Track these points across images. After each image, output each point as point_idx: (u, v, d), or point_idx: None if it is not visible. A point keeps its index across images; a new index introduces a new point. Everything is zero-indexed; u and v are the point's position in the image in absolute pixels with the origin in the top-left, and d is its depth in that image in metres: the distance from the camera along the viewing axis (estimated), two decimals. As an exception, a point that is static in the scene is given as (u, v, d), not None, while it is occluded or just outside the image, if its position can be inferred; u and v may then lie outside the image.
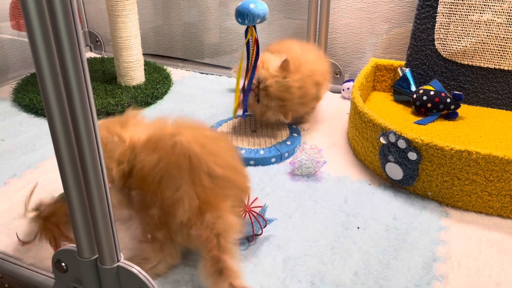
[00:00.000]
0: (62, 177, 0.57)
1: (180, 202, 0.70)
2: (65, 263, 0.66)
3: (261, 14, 0.99)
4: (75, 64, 0.51)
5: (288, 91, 1.07)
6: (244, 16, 0.98)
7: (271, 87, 1.06)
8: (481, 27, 1.18)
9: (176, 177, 0.71)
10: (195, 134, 0.76)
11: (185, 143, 0.73)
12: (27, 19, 0.48)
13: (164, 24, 1.71)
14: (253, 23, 1.00)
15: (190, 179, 0.71)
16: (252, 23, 1.00)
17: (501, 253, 0.81)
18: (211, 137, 0.79)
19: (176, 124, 0.80)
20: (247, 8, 0.98)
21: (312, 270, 0.77)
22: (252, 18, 0.98)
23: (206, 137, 0.78)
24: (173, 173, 0.72)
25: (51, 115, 0.53)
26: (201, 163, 0.72)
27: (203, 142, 0.75)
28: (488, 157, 0.85)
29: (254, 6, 0.98)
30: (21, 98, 1.35)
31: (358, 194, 0.97)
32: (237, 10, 0.99)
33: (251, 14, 0.98)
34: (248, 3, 0.98)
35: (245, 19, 0.99)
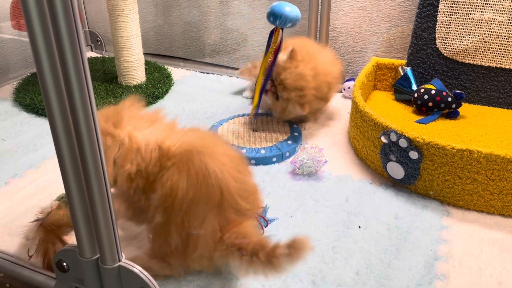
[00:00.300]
0: (63, 177, 0.57)
1: (204, 237, 0.68)
2: (67, 263, 0.66)
3: (294, 19, 1.00)
4: (76, 63, 0.51)
5: (303, 78, 1.08)
6: (277, 17, 0.99)
7: (286, 79, 1.08)
8: (482, 26, 1.18)
9: (205, 208, 0.68)
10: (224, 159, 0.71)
11: (219, 173, 0.69)
12: (27, 18, 0.48)
13: (164, 24, 1.71)
14: (283, 25, 1.01)
15: (217, 213, 0.69)
16: (282, 26, 1.01)
17: (503, 252, 0.81)
18: (236, 159, 0.74)
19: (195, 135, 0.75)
20: (282, 11, 0.99)
21: (313, 269, 0.77)
22: (284, 20, 0.99)
23: (231, 160, 0.73)
24: (201, 203, 0.68)
25: (52, 115, 0.53)
26: (230, 197, 0.69)
27: (233, 174, 0.71)
28: (490, 156, 0.85)
29: (289, 9, 0.99)
30: (22, 98, 1.35)
31: (359, 193, 0.97)
32: (272, 10, 1.00)
33: (284, 17, 0.99)
34: (285, 5, 1.00)
35: (277, 20, 1.00)
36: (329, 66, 1.16)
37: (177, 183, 0.68)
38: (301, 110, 1.11)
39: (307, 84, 1.09)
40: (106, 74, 1.51)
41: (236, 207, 0.70)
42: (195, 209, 0.68)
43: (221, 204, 0.69)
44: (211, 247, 0.70)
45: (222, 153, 0.72)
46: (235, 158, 0.75)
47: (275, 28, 1.03)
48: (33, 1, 0.47)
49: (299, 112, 1.12)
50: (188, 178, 0.68)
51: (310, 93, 1.10)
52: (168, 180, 0.69)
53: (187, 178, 0.68)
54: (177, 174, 0.69)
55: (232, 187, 0.70)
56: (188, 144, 0.72)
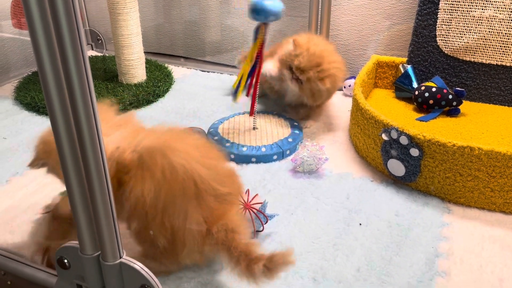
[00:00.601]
0: (64, 174, 0.57)
1: (190, 231, 0.68)
2: (68, 260, 0.66)
3: (276, 12, 0.98)
4: (77, 62, 0.51)
5: (316, 55, 1.10)
6: (259, 12, 0.98)
7: (301, 63, 1.10)
8: (483, 23, 1.18)
9: (182, 204, 0.67)
10: (189, 149, 0.69)
11: (186, 165, 0.67)
12: (29, 17, 0.48)
13: (165, 22, 1.71)
14: (266, 20, 0.99)
15: (197, 204, 0.67)
16: (265, 20, 1.00)
17: (504, 249, 0.81)
18: (203, 147, 0.73)
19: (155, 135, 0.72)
20: (262, 5, 0.97)
21: (314, 266, 0.77)
22: (266, 15, 0.98)
23: (198, 149, 0.71)
24: (178, 200, 0.67)
25: (53, 113, 0.53)
26: (206, 185, 0.68)
27: (203, 161, 0.69)
28: (491, 153, 0.85)
29: (270, 2, 0.97)
30: (22, 97, 1.35)
31: (360, 190, 0.97)
32: (253, 5, 0.98)
33: (266, 11, 0.97)
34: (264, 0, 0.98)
35: (259, 15, 0.98)
36: (333, 54, 1.16)
37: (142, 192, 0.67)
38: (322, 84, 1.10)
39: (321, 60, 1.10)
40: (107, 72, 1.51)
41: (215, 193, 0.69)
42: (173, 207, 0.67)
43: (198, 194, 0.67)
44: (199, 241, 0.69)
45: (186, 145, 0.70)
46: (202, 146, 0.73)
47: (259, 24, 1.02)
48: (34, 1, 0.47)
49: (321, 87, 1.11)
50: (154, 181, 0.66)
51: (327, 67, 1.11)
52: (131, 192, 0.67)
53: (152, 181, 0.66)
54: (140, 183, 0.67)
55: (205, 174, 0.68)
56: (147, 146, 0.69)
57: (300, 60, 1.10)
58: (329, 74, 1.10)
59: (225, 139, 1.11)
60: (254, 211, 0.80)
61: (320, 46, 1.12)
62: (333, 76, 1.12)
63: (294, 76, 1.13)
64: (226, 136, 1.13)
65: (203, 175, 0.68)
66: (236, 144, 1.09)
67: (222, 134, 1.14)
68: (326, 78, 1.10)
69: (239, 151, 1.07)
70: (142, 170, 0.67)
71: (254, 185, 0.98)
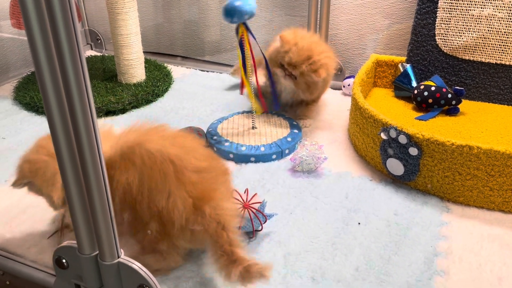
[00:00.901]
0: (62, 174, 0.57)
1: (175, 207, 0.69)
2: (66, 260, 0.67)
3: (248, 10, 0.98)
4: (74, 62, 0.51)
5: (305, 49, 1.11)
6: (232, 14, 0.98)
7: (292, 59, 1.10)
8: (482, 22, 1.17)
9: (164, 184, 0.70)
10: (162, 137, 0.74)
11: (163, 148, 0.71)
12: (26, 17, 0.48)
13: (164, 22, 1.71)
14: (242, 20, 0.99)
15: (178, 182, 0.70)
16: (241, 20, 0.99)
17: (503, 248, 0.81)
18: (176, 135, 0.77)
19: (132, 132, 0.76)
20: (233, 6, 0.97)
21: (313, 265, 0.77)
22: (240, 15, 0.98)
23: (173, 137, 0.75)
24: (160, 181, 0.69)
25: (51, 114, 0.53)
26: (184, 162, 0.71)
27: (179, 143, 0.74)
28: (489, 152, 0.85)
29: (240, 3, 0.97)
30: (22, 97, 1.35)
31: (359, 190, 0.97)
32: (224, 9, 0.98)
33: (238, 12, 0.97)
34: (234, 1, 0.97)
35: (233, 17, 0.98)
36: (321, 45, 1.17)
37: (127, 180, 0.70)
38: (316, 76, 1.11)
39: (311, 52, 1.11)
40: (106, 72, 1.51)
41: (194, 167, 0.71)
42: (156, 188, 0.70)
43: (177, 171, 0.70)
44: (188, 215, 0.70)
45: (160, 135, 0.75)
46: (177, 135, 0.77)
47: (237, 25, 1.02)
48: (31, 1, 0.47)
49: (316, 78, 1.12)
50: (135, 168, 0.70)
51: (318, 58, 1.11)
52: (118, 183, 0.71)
53: (134, 169, 0.70)
54: (124, 173, 0.70)
55: (182, 153, 0.71)
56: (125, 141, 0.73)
57: (290, 56, 1.10)
58: (322, 64, 1.12)
59: (224, 138, 1.11)
60: (253, 211, 0.80)
61: (307, 39, 1.13)
62: (325, 65, 1.13)
63: (287, 72, 1.14)
64: (225, 135, 1.13)
65: (179, 154, 0.71)
66: (235, 143, 1.09)
67: (221, 133, 1.14)
68: (319, 69, 1.11)
69: (238, 151, 1.07)
70: (124, 161, 0.71)
71: (253, 185, 0.98)
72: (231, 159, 1.07)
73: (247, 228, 0.81)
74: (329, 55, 1.16)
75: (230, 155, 1.07)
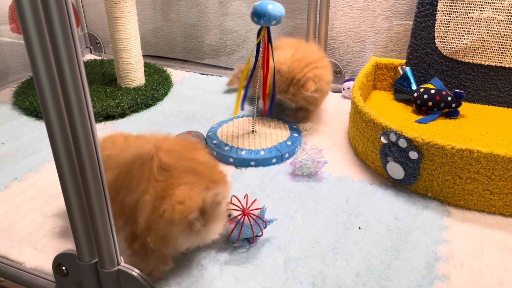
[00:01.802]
0: (61, 181, 0.57)
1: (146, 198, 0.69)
2: (66, 267, 0.66)
3: (278, 16, 0.99)
4: (72, 66, 0.51)
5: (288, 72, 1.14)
6: (261, 16, 0.99)
7: (279, 87, 1.14)
8: (481, 25, 1.17)
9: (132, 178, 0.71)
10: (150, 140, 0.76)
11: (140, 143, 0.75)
12: (23, 22, 0.48)
13: (164, 25, 1.71)
14: (268, 24, 1.00)
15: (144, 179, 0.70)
16: (267, 24, 1.00)
17: (504, 252, 0.81)
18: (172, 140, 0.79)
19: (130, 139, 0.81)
20: (264, 9, 0.98)
21: (313, 271, 0.77)
22: (268, 19, 0.99)
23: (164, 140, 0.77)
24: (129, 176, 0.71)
25: (49, 119, 0.53)
26: (151, 158, 0.71)
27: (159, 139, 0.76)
28: (490, 156, 0.85)
29: (272, 7, 0.98)
30: (21, 101, 1.35)
31: (359, 194, 0.96)
32: (254, 9, 1.00)
33: (267, 15, 0.98)
34: (266, 4, 0.99)
35: (260, 19, 0.99)
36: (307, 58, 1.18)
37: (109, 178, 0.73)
38: (305, 90, 1.12)
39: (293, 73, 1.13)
40: (105, 76, 1.51)
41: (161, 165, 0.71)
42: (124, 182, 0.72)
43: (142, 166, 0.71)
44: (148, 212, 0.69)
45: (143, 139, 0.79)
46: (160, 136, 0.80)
47: (261, 28, 1.03)
48: (28, 5, 0.47)
49: (306, 94, 1.13)
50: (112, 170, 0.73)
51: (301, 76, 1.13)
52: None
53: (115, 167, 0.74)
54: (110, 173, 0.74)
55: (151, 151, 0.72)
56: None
57: (278, 85, 1.14)
58: (307, 78, 1.12)
59: (224, 142, 1.11)
60: (253, 217, 0.80)
61: (288, 61, 1.15)
62: (313, 77, 1.13)
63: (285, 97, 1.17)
64: (225, 139, 1.13)
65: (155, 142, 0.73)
66: (235, 147, 1.09)
67: (221, 137, 1.14)
68: (306, 83, 1.12)
69: (238, 155, 1.07)
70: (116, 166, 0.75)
71: (253, 189, 0.98)
72: (231, 163, 1.07)
73: (247, 234, 0.81)
74: (319, 64, 1.17)
75: (230, 159, 1.07)
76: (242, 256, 0.80)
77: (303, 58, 1.16)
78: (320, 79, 1.15)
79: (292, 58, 1.16)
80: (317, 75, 1.14)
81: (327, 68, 1.20)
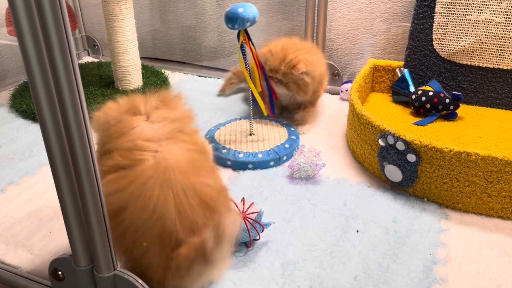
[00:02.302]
0: (56, 186, 0.57)
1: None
2: (62, 272, 0.66)
3: (251, 17, 0.98)
4: (67, 69, 0.51)
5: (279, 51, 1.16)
6: (233, 21, 0.98)
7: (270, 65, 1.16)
8: (479, 27, 1.17)
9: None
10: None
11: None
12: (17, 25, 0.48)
13: (161, 27, 1.71)
14: (243, 27, 0.99)
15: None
16: (242, 27, 1.00)
17: (502, 255, 0.81)
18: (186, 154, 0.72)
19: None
20: (235, 13, 0.98)
21: (311, 274, 0.77)
22: (241, 22, 0.98)
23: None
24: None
25: (44, 124, 0.53)
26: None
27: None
28: (488, 158, 0.84)
29: (242, 10, 0.98)
30: (18, 104, 1.35)
31: (357, 196, 0.96)
32: (226, 16, 0.99)
33: (240, 19, 0.97)
34: (237, 7, 0.98)
35: (234, 24, 0.99)
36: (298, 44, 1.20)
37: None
38: (296, 71, 1.14)
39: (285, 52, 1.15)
40: (103, 79, 1.50)
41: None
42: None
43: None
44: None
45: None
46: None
47: (239, 31, 1.03)
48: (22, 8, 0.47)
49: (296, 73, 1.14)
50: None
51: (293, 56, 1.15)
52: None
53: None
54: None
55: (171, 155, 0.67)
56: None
57: (268, 64, 1.16)
58: (299, 60, 1.14)
59: (221, 145, 1.11)
60: (250, 221, 0.80)
61: (281, 43, 1.18)
62: (304, 60, 1.15)
63: (275, 80, 1.18)
64: (223, 142, 1.12)
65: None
66: (233, 150, 1.09)
67: (219, 140, 1.13)
68: (297, 64, 1.13)
69: (235, 158, 1.06)
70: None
71: (251, 192, 0.98)
72: (229, 166, 1.07)
73: (245, 238, 0.80)
74: (310, 51, 1.20)
75: (227, 162, 1.07)
76: (240, 260, 0.80)
77: (297, 44, 1.20)
78: (312, 64, 1.17)
79: (289, 41, 1.20)
80: (309, 60, 1.16)
81: (320, 58, 1.22)
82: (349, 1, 1.41)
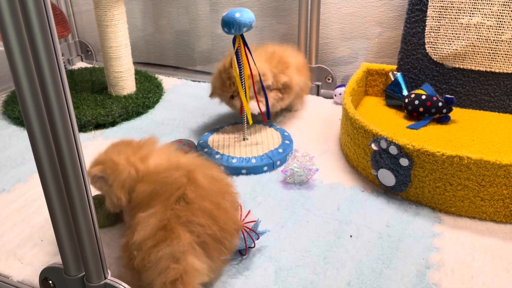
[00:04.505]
0: (45, 194, 0.56)
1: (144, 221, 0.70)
2: (52, 281, 0.65)
3: (248, 22, 0.98)
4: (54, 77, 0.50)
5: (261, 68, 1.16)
6: (230, 25, 0.98)
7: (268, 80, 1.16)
8: (471, 30, 1.18)
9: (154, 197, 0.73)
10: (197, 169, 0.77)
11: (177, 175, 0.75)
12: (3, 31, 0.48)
13: (155, 32, 1.71)
14: (239, 32, 0.99)
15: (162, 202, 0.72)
16: (238, 32, 0.99)
17: (495, 259, 0.81)
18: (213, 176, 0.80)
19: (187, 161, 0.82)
20: (232, 18, 0.97)
21: (304, 281, 0.76)
22: (238, 27, 0.98)
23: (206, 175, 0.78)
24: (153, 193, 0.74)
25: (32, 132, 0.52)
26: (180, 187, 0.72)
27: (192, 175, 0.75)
28: (480, 162, 0.85)
29: (239, 15, 0.97)
30: (10, 111, 1.34)
31: (350, 201, 0.96)
32: (223, 20, 0.99)
33: (237, 24, 0.97)
34: (234, 12, 0.98)
35: (231, 29, 0.98)
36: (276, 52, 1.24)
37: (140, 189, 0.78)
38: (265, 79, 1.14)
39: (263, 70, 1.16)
40: (96, 84, 1.50)
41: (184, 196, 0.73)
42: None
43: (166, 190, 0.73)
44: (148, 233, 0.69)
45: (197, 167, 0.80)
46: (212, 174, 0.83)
47: (234, 36, 1.02)
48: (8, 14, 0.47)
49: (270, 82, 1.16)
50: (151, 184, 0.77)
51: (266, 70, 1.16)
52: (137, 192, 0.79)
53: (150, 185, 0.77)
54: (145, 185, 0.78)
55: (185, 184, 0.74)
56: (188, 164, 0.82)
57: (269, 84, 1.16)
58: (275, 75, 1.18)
59: (215, 151, 1.11)
60: (247, 230, 0.79)
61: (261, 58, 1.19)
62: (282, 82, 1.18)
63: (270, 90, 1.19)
64: (216, 148, 1.12)
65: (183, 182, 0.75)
66: (226, 155, 1.09)
67: (212, 145, 1.13)
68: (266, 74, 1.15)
69: (229, 163, 1.06)
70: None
71: (244, 198, 0.97)
72: (222, 171, 1.06)
73: (240, 246, 0.80)
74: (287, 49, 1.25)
75: (221, 167, 1.06)
76: (233, 267, 0.79)
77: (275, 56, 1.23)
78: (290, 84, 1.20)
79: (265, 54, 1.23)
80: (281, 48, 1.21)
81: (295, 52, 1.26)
82: (342, 5, 1.41)
